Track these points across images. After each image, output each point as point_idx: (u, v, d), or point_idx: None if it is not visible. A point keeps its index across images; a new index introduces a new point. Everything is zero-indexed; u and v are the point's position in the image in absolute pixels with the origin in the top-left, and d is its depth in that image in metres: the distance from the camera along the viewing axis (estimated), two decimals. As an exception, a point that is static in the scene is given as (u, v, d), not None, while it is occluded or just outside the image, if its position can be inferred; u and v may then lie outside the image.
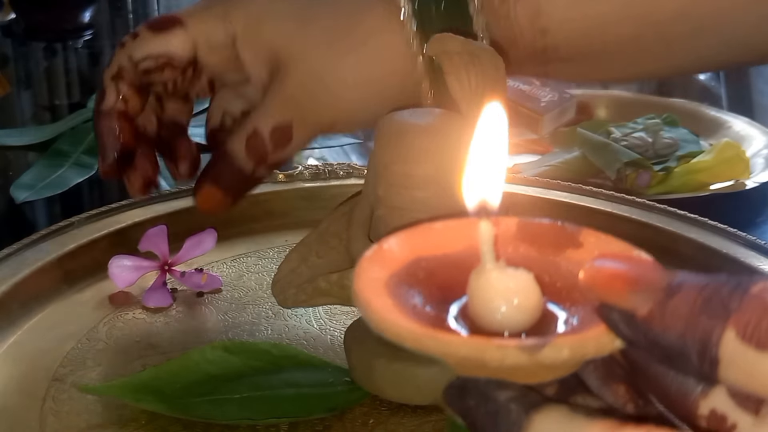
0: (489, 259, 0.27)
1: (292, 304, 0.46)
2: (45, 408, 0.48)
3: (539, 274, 0.28)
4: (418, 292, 0.28)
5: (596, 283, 0.25)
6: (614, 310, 0.25)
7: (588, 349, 0.25)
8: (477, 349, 0.25)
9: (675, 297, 0.24)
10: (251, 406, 0.47)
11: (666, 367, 0.25)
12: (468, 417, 0.27)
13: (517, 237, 0.30)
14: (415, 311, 0.27)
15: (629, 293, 0.24)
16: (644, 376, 0.26)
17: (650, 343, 0.24)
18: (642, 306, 0.24)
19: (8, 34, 1.35)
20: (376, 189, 0.46)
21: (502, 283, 0.27)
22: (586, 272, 0.25)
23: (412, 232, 0.30)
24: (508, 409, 0.26)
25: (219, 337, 0.55)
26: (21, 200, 0.78)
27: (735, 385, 0.23)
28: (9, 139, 0.92)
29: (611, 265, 0.25)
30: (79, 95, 1.16)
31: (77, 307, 0.58)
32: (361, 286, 0.27)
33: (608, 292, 0.25)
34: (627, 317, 0.24)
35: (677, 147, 0.84)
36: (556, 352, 0.24)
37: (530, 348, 0.24)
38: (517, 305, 0.27)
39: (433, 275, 0.29)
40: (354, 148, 0.94)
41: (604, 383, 0.27)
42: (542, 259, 0.29)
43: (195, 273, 0.60)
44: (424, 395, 0.47)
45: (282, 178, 0.72)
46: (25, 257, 0.60)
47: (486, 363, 0.25)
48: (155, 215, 0.66)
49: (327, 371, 0.50)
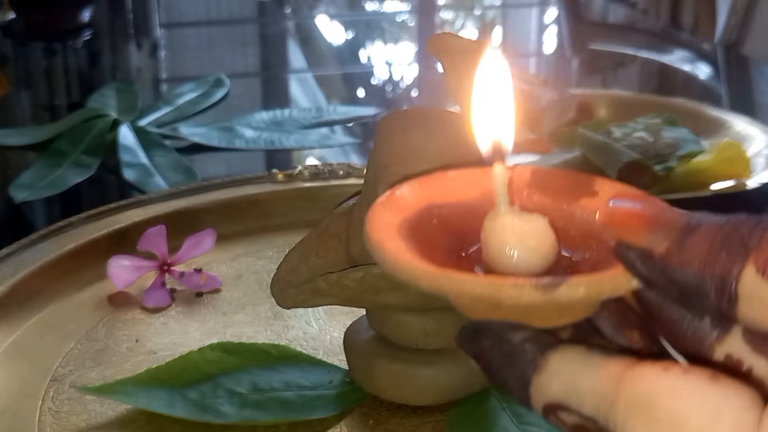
0: (503, 203, 0.27)
1: (291, 304, 0.46)
2: (44, 408, 0.48)
3: (554, 222, 0.27)
4: (430, 239, 0.28)
5: (613, 221, 0.25)
6: (631, 248, 0.24)
7: (604, 288, 0.24)
8: (492, 287, 0.24)
9: (693, 235, 0.23)
10: (251, 406, 0.47)
11: (682, 309, 0.25)
12: (482, 358, 0.27)
13: (531, 185, 0.29)
14: (429, 255, 0.27)
15: (647, 231, 0.24)
16: (659, 321, 0.26)
17: (667, 282, 0.24)
18: (659, 244, 0.24)
19: (8, 34, 1.35)
20: (376, 189, 0.46)
21: (517, 226, 0.26)
22: (603, 211, 0.25)
23: (424, 179, 0.30)
24: (523, 349, 0.26)
25: (218, 337, 0.54)
26: (20, 200, 0.78)
27: (754, 323, 0.23)
28: (8, 138, 0.92)
29: (628, 205, 0.25)
30: (78, 95, 1.16)
31: (76, 307, 0.58)
32: (374, 229, 0.27)
33: (625, 230, 0.24)
34: (644, 255, 0.24)
35: (678, 147, 0.84)
36: (573, 290, 0.24)
37: (546, 286, 0.24)
38: (532, 249, 0.26)
39: (446, 222, 0.29)
40: (354, 148, 0.94)
41: (618, 329, 0.27)
42: (557, 207, 0.29)
43: (194, 273, 0.60)
44: (424, 396, 0.47)
45: (282, 178, 0.72)
46: (24, 257, 0.60)
47: (501, 302, 0.24)
48: (155, 215, 0.66)
49: (327, 371, 0.50)
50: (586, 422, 0.24)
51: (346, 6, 1.71)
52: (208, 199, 0.69)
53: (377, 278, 0.43)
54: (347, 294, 0.44)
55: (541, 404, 0.25)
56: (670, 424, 0.22)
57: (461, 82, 0.45)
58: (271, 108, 1.02)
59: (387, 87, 1.25)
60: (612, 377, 0.24)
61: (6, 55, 1.29)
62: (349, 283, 0.44)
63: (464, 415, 0.47)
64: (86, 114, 0.94)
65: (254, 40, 1.47)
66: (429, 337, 0.47)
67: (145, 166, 0.85)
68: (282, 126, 0.96)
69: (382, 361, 0.47)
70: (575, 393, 0.24)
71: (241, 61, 1.32)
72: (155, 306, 0.58)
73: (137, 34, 1.42)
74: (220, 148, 0.91)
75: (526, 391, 0.26)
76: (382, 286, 0.43)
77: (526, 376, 0.25)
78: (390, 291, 0.44)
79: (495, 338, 0.26)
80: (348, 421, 0.47)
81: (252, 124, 0.96)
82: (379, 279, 0.43)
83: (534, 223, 0.27)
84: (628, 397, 0.23)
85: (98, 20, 1.41)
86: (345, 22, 1.54)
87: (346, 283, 0.44)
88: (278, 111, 1.00)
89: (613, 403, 0.23)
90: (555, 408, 0.25)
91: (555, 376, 0.25)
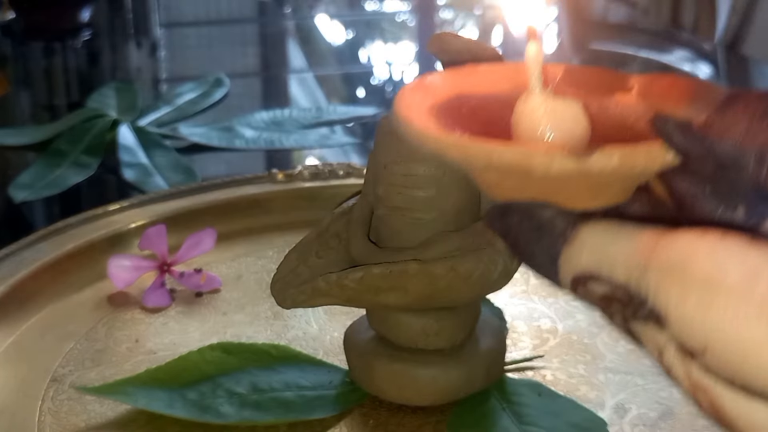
0: (537, 84, 0.26)
1: (291, 304, 0.46)
2: (43, 408, 0.48)
3: (587, 111, 0.26)
4: (459, 125, 0.27)
5: (652, 93, 0.24)
6: (669, 119, 0.24)
7: (638, 159, 0.24)
8: (523, 154, 0.23)
9: (734, 105, 0.23)
10: (251, 406, 0.47)
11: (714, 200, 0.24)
12: (509, 235, 0.26)
13: (564, 81, 0.29)
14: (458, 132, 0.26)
15: (686, 102, 0.23)
16: (691, 215, 0.25)
17: (705, 153, 0.23)
18: (699, 114, 0.23)
19: (7, 34, 1.35)
20: (376, 189, 0.46)
21: (550, 107, 0.26)
22: (641, 83, 0.24)
23: (455, 70, 0.29)
24: (552, 223, 0.25)
25: (218, 337, 0.54)
26: (19, 200, 0.78)
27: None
28: (8, 138, 0.92)
29: (668, 77, 0.24)
30: (78, 95, 1.16)
31: (76, 307, 0.58)
32: (402, 107, 0.26)
33: (664, 101, 0.24)
34: (683, 126, 0.23)
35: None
36: (606, 159, 0.23)
37: (579, 154, 0.23)
38: (564, 131, 0.26)
39: (475, 112, 0.28)
40: (354, 148, 0.94)
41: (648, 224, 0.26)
42: (590, 101, 0.28)
43: (194, 273, 0.60)
44: (424, 396, 0.47)
45: (282, 178, 0.72)
46: (24, 257, 0.60)
47: (532, 171, 0.23)
48: (154, 215, 0.66)
49: (327, 371, 0.50)
50: (616, 291, 0.24)
51: (346, 6, 1.71)
52: (208, 199, 0.69)
53: (377, 278, 0.43)
54: (347, 294, 0.44)
55: (570, 276, 0.25)
56: (706, 286, 0.22)
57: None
58: (271, 108, 1.02)
59: (387, 87, 1.25)
60: (646, 243, 0.23)
61: (6, 54, 1.29)
62: (349, 283, 0.44)
63: (464, 415, 0.47)
64: (86, 114, 0.94)
65: (254, 40, 1.47)
66: (429, 337, 0.47)
67: (145, 166, 0.85)
68: (282, 126, 0.96)
69: (382, 361, 0.47)
70: (606, 261, 0.24)
71: (241, 61, 1.32)
72: (155, 306, 0.58)
73: (137, 33, 1.42)
74: (220, 148, 0.91)
75: (554, 264, 0.25)
76: (382, 286, 0.43)
77: (555, 249, 0.25)
78: (390, 291, 0.44)
79: (523, 214, 0.26)
80: (348, 422, 0.47)
81: (252, 124, 0.96)
82: (379, 279, 0.43)
83: (567, 106, 0.26)
84: (662, 262, 0.22)
85: (98, 20, 1.41)
86: (345, 22, 1.54)
87: (346, 283, 0.44)
88: (278, 111, 1.00)
89: (646, 268, 0.23)
90: (584, 279, 0.24)
91: (585, 247, 0.24)
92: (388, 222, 0.46)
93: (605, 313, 0.25)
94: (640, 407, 0.48)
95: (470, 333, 0.48)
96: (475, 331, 0.49)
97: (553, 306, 0.58)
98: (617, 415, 0.48)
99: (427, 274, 0.43)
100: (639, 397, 0.49)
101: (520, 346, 0.54)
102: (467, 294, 0.45)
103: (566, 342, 0.55)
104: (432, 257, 0.43)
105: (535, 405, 0.48)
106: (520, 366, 0.52)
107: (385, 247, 0.46)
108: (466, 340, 0.48)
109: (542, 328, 0.56)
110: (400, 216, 0.45)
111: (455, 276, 0.43)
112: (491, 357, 0.49)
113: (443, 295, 0.44)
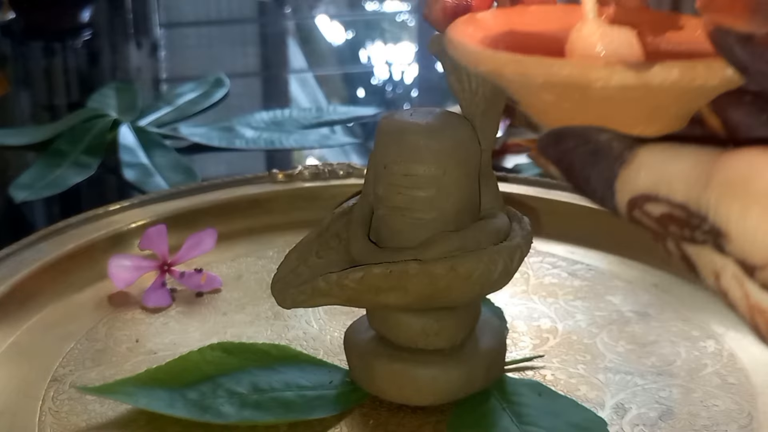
0: (591, 11, 0.26)
1: (291, 304, 0.46)
2: (44, 408, 0.48)
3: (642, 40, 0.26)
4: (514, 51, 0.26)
5: (712, 6, 0.23)
6: (730, 33, 0.23)
7: (698, 72, 0.23)
8: (582, 67, 0.23)
9: None
10: (251, 406, 0.47)
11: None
12: (564, 161, 0.26)
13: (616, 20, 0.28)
14: None
15: (748, 15, 0.23)
16: None
17: (766, 68, 0.23)
18: (761, 27, 0.23)
19: (7, 34, 1.35)
20: (376, 189, 0.46)
21: (605, 33, 0.25)
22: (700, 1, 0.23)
23: (505, 10, 0.29)
24: (610, 146, 0.25)
25: (218, 337, 0.54)
26: (20, 200, 0.78)
27: None
28: (8, 138, 0.92)
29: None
30: (78, 95, 1.16)
31: (76, 307, 0.58)
32: (455, 34, 0.26)
33: (724, 14, 0.23)
34: (744, 39, 0.23)
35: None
36: (666, 71, 0.23)
37: (639, 66, 0.23)
38: (620, 54, 0.25)
39: (528, 44, 0.28)
40: (354, 148, 0.94)
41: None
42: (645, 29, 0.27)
43: (194, 273, 0.60)
44: (424, 396, 0.47)
45: (282, 178, 0.72)
46: (24, 257, 0.60)
47: (591, 84, 0.23)
48: (155, 215, 0.66)
49: (327, 371, 0.50)
50: (674, 210, 0.23)
51: (346, 6, 1.71)
52: (208, 199, 0.69)
53: (377, 278, 0.43)
54: (347, 294, 0.44)
55: (627, 199, 0.24)
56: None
57: (461, 84, 0.45)
58: (271, 108, 1.02)
59: (387, 87, 1.25)
60: (706, 160, 0.23)
61: (6, 54, 1.29)
62: (349, 283, 0.44)
63: (464, 415, 0.47)
64: (86, 114, 0.94)
65: (254, 40, 1.47)
66: (429, 337, 0.47)
67: (145, 166, 0.85)
68: (282, 126, 0.96)
69: (383, 361, 0.47)
70: (665, 181, 0.23)
71: (241, 61, 1.32)
72: (155, 306, 0.58)
73: (137, 33, 1.42)
74: (220, 148, 0.91)
75: (611, 187, 0.25)
76: (382, 286, 0.44)
77: (612, 171, 0.24)
78: (390, 291, 0.44)
79: (579, 139, 0.25)
80: (348, 422, 0.47)
81: (252, 124, 0.96)
82: (379, 279, 0.43)
83: (622, 32, 0.26)
84: (723, 178, 0.22)
85: (98, 20, 1.41)
86: (345, 22, 1.54)
87: (346, 283, 0.44)
88: (278, 111, 1.00)
89: (706, 185, 0.22)
90: (642, 200, 0.24)
91: (643, 167, 0.24)
92: (389, 222, 0.46)
93: (659, 238, 0.24)
94: (639, 407, 0.48)
95: (470, 333, 0.48)
96: (475, 331, 0.49)
97: (553, 306, 0.59)
98: (617, 414, 0.48)
99: (427, 274, 0.43)
100: (639, 396, 0.49)
101: (520, 346, 0.54)
102: (467, 294, 0.45)
103: (566, 342, 0.55)
104: (432, 257, 0.43)
105: (535, 405, 0.48)
106: (520, 366, 0.52)
107: (386, 247, 0.46)
108: (466, 340, 0.48)
109: (542, 328, 0.56)
110: (401, 216, 0.45)
111: (455, 276, 0.43)
112: (491, 357, 0.49)
113: (443, 295, 0.44)
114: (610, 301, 0.59)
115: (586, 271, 0.63)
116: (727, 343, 0.54)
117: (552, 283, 0.61)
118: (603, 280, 0.62)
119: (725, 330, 0.55)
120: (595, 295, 0.60)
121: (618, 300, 0.59)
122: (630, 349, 0.54)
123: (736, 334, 0.55)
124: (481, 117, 0.45)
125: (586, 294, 0.60)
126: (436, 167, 0.44)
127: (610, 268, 0.63)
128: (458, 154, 0.45)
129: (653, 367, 0.52)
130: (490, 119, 0.46)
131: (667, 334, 0.55)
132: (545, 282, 0.62)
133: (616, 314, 0.58)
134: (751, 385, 0.50)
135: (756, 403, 0.49)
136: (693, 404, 0.49)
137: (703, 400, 0.49)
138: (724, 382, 0.51)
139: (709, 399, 0.49)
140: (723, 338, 0.55)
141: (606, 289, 0.61)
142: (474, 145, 0.46)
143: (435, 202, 0.45)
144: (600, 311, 0.58)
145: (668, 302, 0.59)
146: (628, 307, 0.58)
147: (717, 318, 0.56)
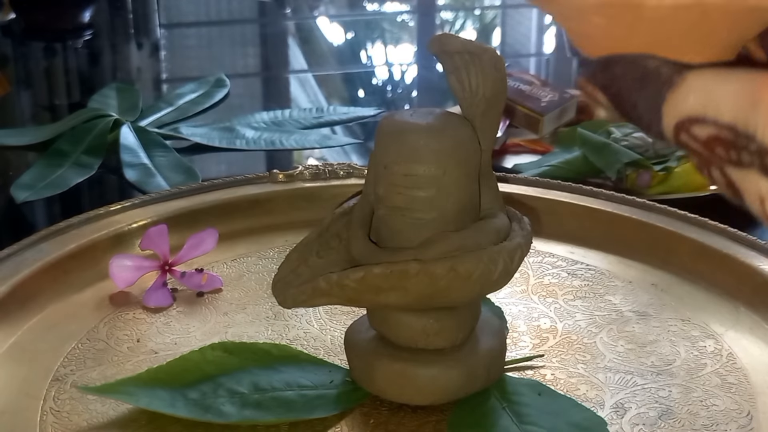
0: None
1: (292, 304, 0.46)
2: (45, 408, 0.48)
3: None
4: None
5: None
6: None
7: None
8: None
9: None
10: (252, 405, 0.47)
11: None
12: (611, 88, 0.26)
13: None
14: None
15: None
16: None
17: None
18: None
19: (8, 34, 1.35)
20: (376, 189, 0.46)
21: None
22: None
23: None
24: (658, 71, 0.25)
25: (219, 337, 0.55)
26: (21, 200, 0.78)
27: None
28: (9, 139, 0.92)
29: None
30: (78, 95, 1.16)
31: (77, 307, 0.58)
32: None
33: None
34: None
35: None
36: None
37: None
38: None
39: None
40: (354, 148, 0.94)
41: None
42: None
43: (195, 273, 0.60)
44: (425, 395, 0.47)
45: (282, 178, 0.72)
46: (25, 257, 0.60)
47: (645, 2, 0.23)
48: (155, 215, 0.66)
49: (327, 371, 0.50)
50: (721, 132, 0.23)
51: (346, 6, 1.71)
52: (208, 199, 0.69)
53: (378, 278, 0.43)
54: (347, 294, 0.44)
55: (674, 122, 0.24)
56: None
57: (461, 84, 0.45)
58: (272, 108, 1.02)
59: (387, 87, 1.25)
60: (754, 82, 0.23)
61: (6, 55, 1.29)
62: (350, 283, 0.44)
63: (465, 415, 0.47)
64: (87, 114, 0.94)
65: (254, 40, 1.47)
66: (429, 337, 0.47)
67: (146, 166, 0.85)
68: (282, 126, 0.96)
69: (383, 360, 0.47)
70: (713, 103, 0.23)
71: (242, 61, 1.32)
72: (156, 306, 0.58)
73: (137, 34, 1.42)
74: (221, 149, 0.91)
75: (658, 112, 0.25)
76: (383, 286, 0.44)
77: (660, 96, 0.25)
78: (390, 291, 0.44)
79: (628, 65, 0.25)
80: (349, 421, 0.47)
81: (252, 124, 0.96)
82: (379, 279, 0.43)
83: None
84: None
85: (98, 20, 1.41)
86: (345, 22, 1.54)
87: (346, 283, 0.44)
88: (279, 111, 1.00)
89: (755, 105, 0.22)
90: (689, 123, 0.24)
91: (692, 91, 0.24)
92: (389, 222, 0.46)
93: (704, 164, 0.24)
94: (639, 407, 0.49)
95: (470, 333, 0.48)
96: (475, 331, 0.49)
97: (552, 306, 0.59)
98: (617, 414, 0.48)
99: (428, 274, 0.43)
100: (638, 396, 0.49)
101: (520, 346, 0.54)
102: (467, 294, 0.45)
103: (566, 342, 0.55)
104: (432, 257, 0.43)
105: (535, 405, 0.48)
106: (520, 366, 0.52)
107: (386, 247, 0.46)
108: (466, 339, 0.48)
109: (542, 328, 0.56)
110: (401, 216, 0.45)
111: (455, 276, 0.43)
112: (491, 357, 0.49)
113: (443, 295, 0.44)
114: (609, 301, 0.59)
115: (586, 271, 0.63)
116: (726, 342, 0.54)
117: (552, 282, 0.62)
118: (603, 280, 0.62)
119: (725, 330, 0.56)
120: (594, 294, 0.60)
121: (618, 300, 0.59)
122: (630, 349, 0.54)
123: (735, 334, 0.55)
124: (481, 117, 0.45)
125: (586, 294, 0.60)
126: (436, 167, 0.44)
127: (610, 268, 0.63)
128: (458, 154, 0.45)
129: (653, 367, 0.52)
130: (490, 119, 0.46)
131: (667, 334, 0.55)
132: (545, 282, 0.62)
133: (615, 314, 0.58)
134: (750, 385, 0.50)
135: (756, 402, 0.49)
136: (692, 404, 0.49)
137: (702, 399, 0.49)
138: (724, 381, 0.51)
139: (709, 399, 0.49)
140: (723, 338, 0.55)
141: (606, 288, 0.61)
142: (474, 145, 0.46)
143: (435, 202, 0.45)
144: (600, 311, 0.58)
145: (668, 302, 0.59)
146: (627, 307, 0.58)
147: (717, 318, 0.57)
